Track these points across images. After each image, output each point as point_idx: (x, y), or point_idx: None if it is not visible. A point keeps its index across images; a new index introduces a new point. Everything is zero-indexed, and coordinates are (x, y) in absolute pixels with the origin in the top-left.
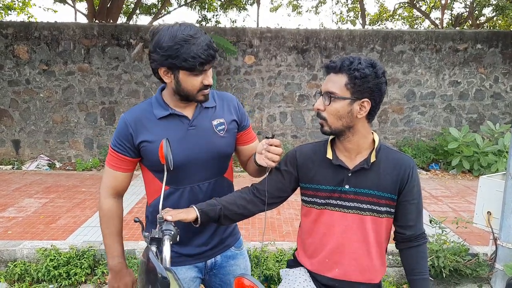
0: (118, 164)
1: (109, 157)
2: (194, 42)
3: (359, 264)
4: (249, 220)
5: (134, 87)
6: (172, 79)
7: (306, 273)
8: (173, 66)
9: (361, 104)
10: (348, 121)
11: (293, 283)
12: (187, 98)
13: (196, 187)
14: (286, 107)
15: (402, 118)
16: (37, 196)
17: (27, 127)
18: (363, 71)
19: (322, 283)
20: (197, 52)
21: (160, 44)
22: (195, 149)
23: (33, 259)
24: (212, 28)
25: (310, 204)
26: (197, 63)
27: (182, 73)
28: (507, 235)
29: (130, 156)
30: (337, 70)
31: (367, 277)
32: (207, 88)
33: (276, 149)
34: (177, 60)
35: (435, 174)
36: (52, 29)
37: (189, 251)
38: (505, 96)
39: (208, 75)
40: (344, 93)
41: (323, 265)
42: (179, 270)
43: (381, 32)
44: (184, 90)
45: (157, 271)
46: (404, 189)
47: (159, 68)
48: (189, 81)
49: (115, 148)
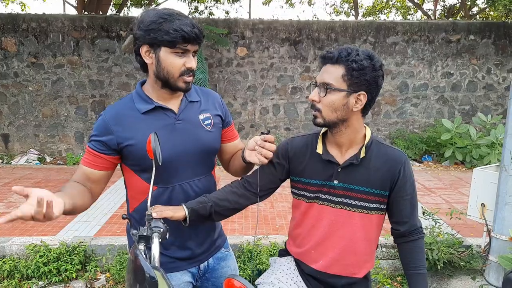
0: (91, 161)
1: (85, 155)
2: (179, 18)
3: (342, 258)
4: (242, 214)
5: (124, 79)
6: (153, 59)
7: (292, 261)
8: (154, 42)
9: (357, 97)
10: (343, 114)
11: (277, 270)
12: (167, 83)
13: (186, 184)
14: (279, 100)
15: (395, 110)
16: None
17: (16, 121)
18: (361, 62)
19: (306, 273)
20: (180, 25)
21: (144, 20)
22: (184, 144)
23: (22, 255)
24: (204, 20)
25: (300, 197)
26: (178, 36)
27: (163, 51)
28: (501, 227)
29: (108, 154)
30: (334, 61)
31: (350, 271)
32: (189, 73)
33: (271, 146)
34: (158, 34)
35: (428, 165)
36: (40, 21)
37: (184, 254)
38: (498, 88)
39: (191, 58)
40: (340, 84)
41: (309, 256)
42: (173, 276)
43: (374, 23)
44: (164, 70)
45: (145, 271)
46: (396, 185)
47: (141, 48)
48: (169, 59)
49: (92, 147)
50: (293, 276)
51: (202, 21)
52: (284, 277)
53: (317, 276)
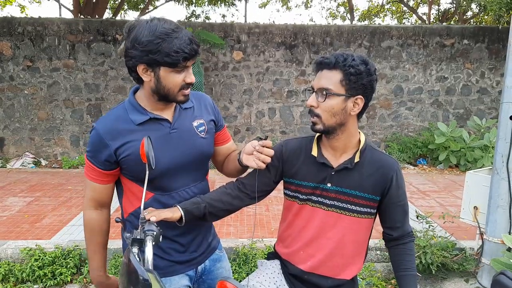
0: (95, 176)
1: (86, 167)
2: (176, 36)
3: (330, 260)
4: (237, 217)
5: (120, 83)
6: (152, 77)
7: (278, 265)
8: (153, 62)
9: (354, 101)
10: (341, 118)
11: (261, 273)
12: (166, 98)
13: (183, 192)
14: (274, 103)
15: (390, 113)
16: (22, 195)
17: (12, 125)
18: (358, 67)
19: (293, 274)
20: (180, 46)
21: (139, 39)
22: (180, 152)
23: (17, 259)
24: (200, 24)
25: (292, 198)
26: (181, 58)
27: (163, 70)
28: (493, 230)
29: (107, 169)
30: (331, 66)
31: (336, 273)
32: (188, 87)
33: (269, 151)
34: (158, 56)
35: (423, 169)
36: (36, 24)
37: (182, 258)
38: (491, 91)
39: (191, 72)
40: (339, 89)
41: (297, 256)
42: (172, 280)
43: (369, 27)
44: (165, 88)
45: (139, 274)
46: (389, 192)
47: (137, 66)
48: (170, 78)
49: (90, 160)
50: (277, 280)
51: (198, 25)
52: (266, 280)
53: (303, 277)
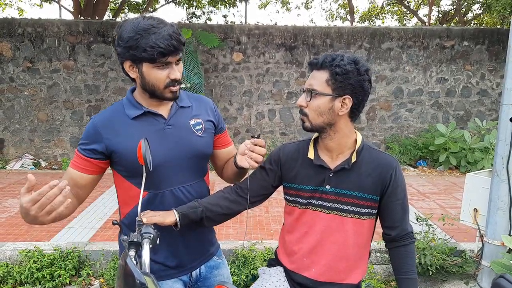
0: (79, 164)
1: (73, 159)
2: (154, 32)
3: (335, 264)
4: (236, 219)
5: (120, 84)
6: (137, 73)
7: (282, 273)
8: (135, 59)
9: (342, 101)
10: (329, 118)
11: (266, 281)
12: (154, 94)
13: (178, 190)
14: (274, 105)
15: (390, 115)
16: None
17: (12, 126)
18: (345, 67)
19: (298, 282)
20: (156, 41)
21: (122, 36)
22: (173, 148)
23: (15, 261)
24: (200, 25)
25: (293, 203)
26: (155, 53)
27: (145, 66)
28: (493, 232)
29: (97, 159)
30: (319, 66)
31: (341, 278)
32: (174, 84)
33: (261, 150)
34: (137, 51)
35: (423, 170)
36: (36, 25)
37: (175, 262)
38: (491, 93)
39: (175, 69)
40: (324, 89)
41: (301, 264)
42: (164, 284)
43: (369, 29)
44: (149, 84)
45: (135, 277)
46: (387, 190)
47: (124, 63)
48: (153, 74)
49: (81, 151)
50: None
51: (198, 26)
52: None
53: (309, 285)
